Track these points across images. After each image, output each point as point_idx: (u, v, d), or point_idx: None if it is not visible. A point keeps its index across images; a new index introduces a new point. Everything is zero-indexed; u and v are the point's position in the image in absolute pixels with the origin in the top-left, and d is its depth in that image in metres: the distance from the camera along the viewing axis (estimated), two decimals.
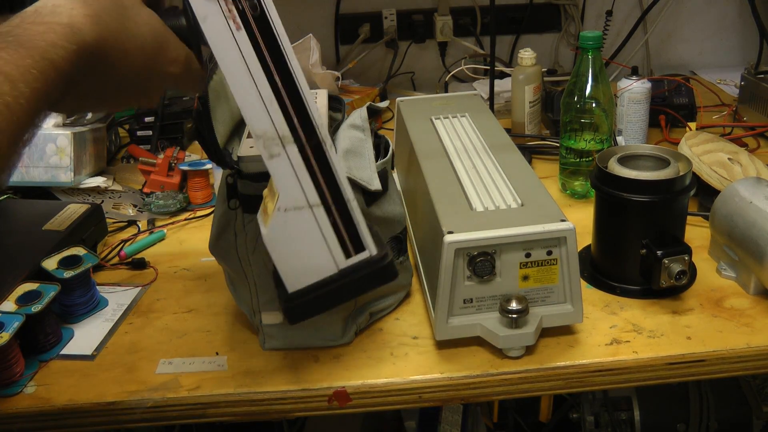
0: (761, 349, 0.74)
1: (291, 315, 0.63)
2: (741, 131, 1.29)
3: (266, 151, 0.56)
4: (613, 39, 1.70)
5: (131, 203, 1.14)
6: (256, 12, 0.53)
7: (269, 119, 0.55)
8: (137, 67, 0.53)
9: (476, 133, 0.95)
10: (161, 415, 0.72)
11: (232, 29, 0.52)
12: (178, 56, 0.56)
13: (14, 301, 0.77)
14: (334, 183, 0.58)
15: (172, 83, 0.57)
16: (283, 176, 0.57)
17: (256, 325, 0.78)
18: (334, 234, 0.59)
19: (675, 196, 0.80)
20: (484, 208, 0.75)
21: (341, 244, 0.60)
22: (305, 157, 0.57)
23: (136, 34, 0.52)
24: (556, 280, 0.73)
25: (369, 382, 0.72)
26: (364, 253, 0.61)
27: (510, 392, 0.73)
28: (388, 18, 1.68)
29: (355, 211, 0.60)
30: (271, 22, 0.53)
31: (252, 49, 0.53)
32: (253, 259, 0.73)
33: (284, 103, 0.55)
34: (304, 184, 0.57)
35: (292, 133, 0.56)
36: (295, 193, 0.57)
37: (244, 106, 0.55)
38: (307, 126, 0.56)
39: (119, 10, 0.52)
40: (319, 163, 0.57)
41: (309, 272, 0.61)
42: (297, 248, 0.59)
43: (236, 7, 0.52)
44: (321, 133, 0.56)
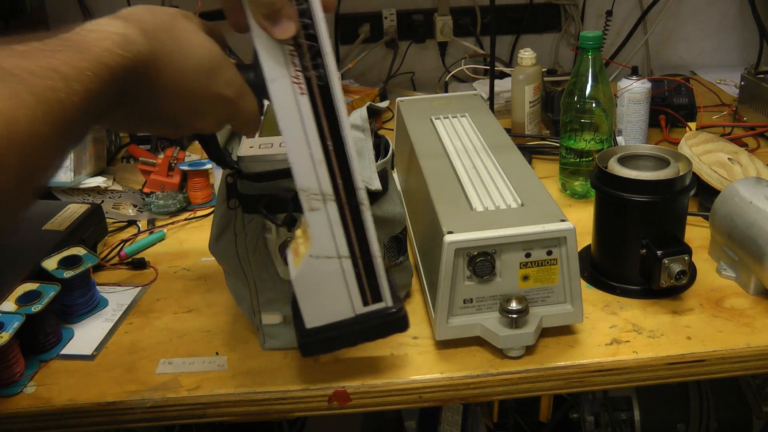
0: (761, 349, 0.74)
1: (305, 349, 0.67)
2: (741, 131, 1.29)
3: (307, 204, 0.60)
4: (613, 39, 1.70)
5: (131, 203, 1.14)
6: (321, 82, 0.56)
7: (315, 178, 0.59)
8: (191, 85, 0.54)
9: (476, 133, 0.95)
10: (161, 415, 0.72)
11: (297, 94, 0.56)
12: (233, 80, 0.56)
13: (14, 301, 0.77)
14: (365, 240, 0.62)
15: (226, 109, 0.57)
16: (320, 229, 0.61)
17: (256, 325, 0.78)
18: (357, 283, 0.64)
19: (675, 196, 0.80)
20: (484, 208, 0.75)
21: (361, 293, 0.65)
22: (342, 215, 0.61)
23: (192, 55, 0.54)
24: (556, 280, 0.73)
25: (369, 382, 0.72)
26: (380, 303, 0.66)
27: (510, 392, 0.73)
28: (388, 18, 1.68)
29: (380, 267, 0.64)
30: (332, 93, 0.57)
31: (312, 113, 0.57)
32: (253, 259, 0.73)
33: (332, 166, 0.59)
34: (337, 238, 0.62)
35: (335, 193, 0.60)
36: (328, 244, 0.62)
37: (294, 161, 0.58)
38: (349, 188, 0.60)
39: (176, 32, 0.53)
40: (354, 221, 0.61)
41: (328, 313, 0.65)
42: (320, 291, 0.64)
43: (303, 74, 0.56)
44: (360, 195, 0.61)
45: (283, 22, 0.53)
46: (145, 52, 0.49)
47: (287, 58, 0.55)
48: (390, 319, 0.66)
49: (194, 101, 0.55)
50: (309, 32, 0.55)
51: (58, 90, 0.40)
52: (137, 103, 0.52)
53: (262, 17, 0.53)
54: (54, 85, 0.40)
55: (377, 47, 1.70)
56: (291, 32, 0.54)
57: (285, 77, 0.56)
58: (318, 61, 0.56)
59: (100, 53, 0.45)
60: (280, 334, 0.77)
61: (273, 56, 0.55)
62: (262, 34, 0.54)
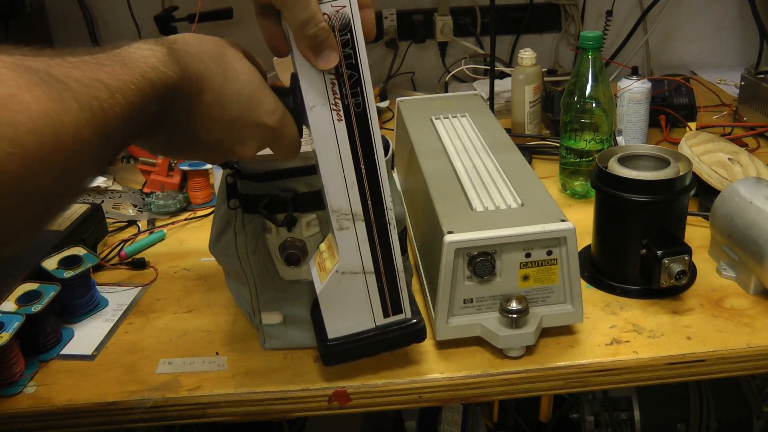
0: (761, 349, 0.74)
1: (327, 358, 0.69)
2: (741, 131, 1.29)
3: (337, 223, 0.62)
4: (613, 39, 1.70)
5: (131, 203, 1.14)
6: (359, 109, 0.59)
7: (347, 199, 0.62)
8: (233, 113, 0.55)
9: (476, 133, 0.95)
10: (161, 415, 0.72)
11: (335, 120, 0.58)
12: (275, 109, 0.58)
13: (14, 301, 0.77)
14: (389, 257, 0.65)
15: (267, 137, 0.59)
16: (348, 246, 0.64)
17: (256, 325, 0.78)
18: (379, 296, 0.67)
19: (675, 196, 0.80)
20: (484, 208, 0.75)
21: (383, 305, 0.67)
22: (370, 234, 0.64)
23: (235, 81, 0.55)
24: (556, 280, 0.73)
25: (369, 382, 0.72)
26: (400, 315, 0.68)
27: (510, 392, 0.73)
28: (388, 18, 1.68)
29: (402, 282, 0.67)
30: (369, 119, 0.59)
31: (347, 139, 0.59)
32: (253, 259, 0.73)
33: (364, 188, 0.62)
34: (363, 255, 0.64)
35: (364, 214, 0.63)
36: (355, 261, 0.64)
37: (327, 183, 0.61)
38: (378, 209, 0.63)
39: (221, 57, 0.55)
40: (381, 240, 0.64)
41: (350, 324, 0.68)
42: (344, 304, 0.66)
43: (342, 102, 0.58)
44: (389, 215, 0.63)
45: (326, 53, 0.55)
46: (189, 73, 0.51)
47: (328, 86, 0.57)
48: (409, 330, 0.69)
49: (236, 128, 0.56)
50: (350, 62, 0.57)
51: (102, 99, 0.42)
52: (179, 124, 0.53)
53: (306, 48, 0.55)
54: (98, 95, 0.42)
55: (377, 47, 1.70)
56: (333, 63, 0.55)
57: (324, 104, 0.58)
58: (357, 90, 0.58)
59: (145, 69, 0.46)
60: (280, 333, 0.77)
61: (314, 84, 0.57)
62: (305, 62, 0.56)
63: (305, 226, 0.71)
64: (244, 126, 0.56)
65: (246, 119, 0.56)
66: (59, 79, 0.40)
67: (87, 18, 1.65)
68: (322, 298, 0.66)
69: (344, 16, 0.55)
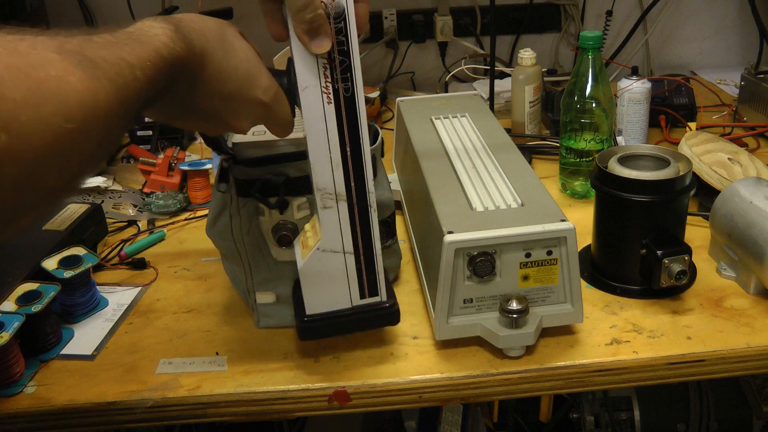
0: (761, 349, 0.74)
1: (303, 333, 0.71)
2: (741, 131, 1.29)
3: (321, 202, 0.65)
4: (613, 39, 1.70)
5: (131, 203, 1.14)
6: (348, 93, 0.62)
7: (332, 179, 0.64)
8: (230, 86, 0.60)
9: (476, 133, 0.95)
10: (161, 415, 0.72)
11: (324, 102, 0.62)
12: (269, 86, 0.62)
13: (14, 301, 0.77)
14: (369, 239, 0.68)
15: (262, 112, 0.63)
16: (330, 225, 0.66)
17: (250, 305, 0.80)
18: (357, 277, 0.69)
19: (675, 196, 0.80)
20: (484, 208, 0.75)
21: (360, 286, 0.70)
22: (351, 215, 0.66)
23: (233, 58, 0.60)
24: (556, 280, 0.73)
25: (369, 382, 0.72)
26: (376, 297, 0.71)
27: (510, 392, 0.73)
28: (388, 18, 1.68)
29: (379, 264, 0.69)
30: (357, 104, 0.62)
31: (335, 121, 0.62)
32: (248, 241, 0.76)
33: (348, 169, 0.64)
34: (344, 235, 0.67)
35: (347, 194, 0.65)
36: (335, 240, 0.67)
37: (314, 163, 0.64)
38: (361, 191, 0.66)
39: (221, 35, 0.60)
40: (361, 221, 0.67)
41: (327, 302, 0.70)
42: (323, 281, 0.69)
43: (332, 86, 0.61)
44: (370, 199, 0.66)
45: (320, 38, 0.59)
46: (193, 47, 0.55)
47: (320, 70, 0.60)
48: (383, 313, 0.71)
49: (233, 102, 0.60)
50: (342, 48, 0.60)
51: (126, 76, 0.47)
52: (181, 94, 0.57)
53: (302, 32, 0.58)
54: (122, 72, 0.47)
55: (377, 47, 1.70)
56: (326, 48, 0.59)
57: (316, 86, 0.61)
58: (347, 75, 0.61)
59: (158, 46, 0.51)
60: (274, 312, 0.79)
61: (308, 66, 0.60)
62: (301, 46, 0.59)
63: (296, 208, 0.74)
64: (240, 100, 0.60)
65: (242, 93, 0.60)
66: (92, 60, 0.45)
67: (87, 18, 1.65)
68: (302, 273, 0.68)
69: (339, 5, 0.58)
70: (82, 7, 1.63)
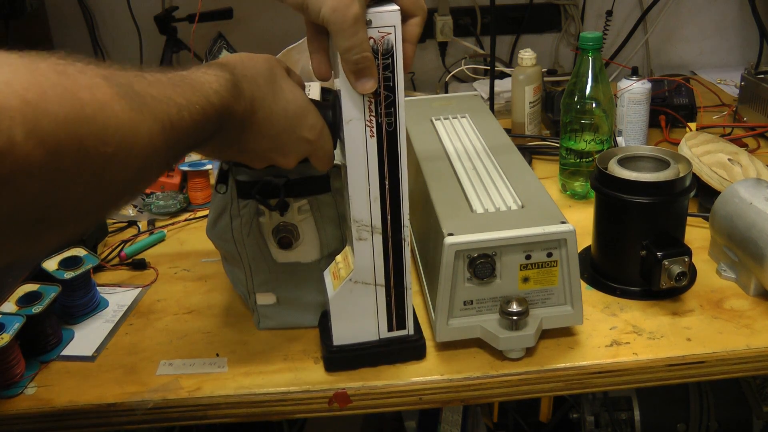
0: (761, 350, 0.74)
1: (329, 363, 0.73)
2: (741, 132, 1.29)
3: (357, 233, 0.66)
4: (613, 39, 1.70)
5: (131, 204, 1.14)
6: (390, 128, 0.63)
7: (369, 211, 0.66)
8: (279, 128, 0.62)
9: (476, 133, 0.95)
10: (162, 417, 0.72)
11: (367, 135, 0.63)
12: (315, 124, 0.64)
13: (15, 302, 0.77)
14: (401, 273, 0.69)
15: (307, 149, 0.65)
16: (364, 256, 0.67)
17: (251, 306, 0.80)
18: (386, 310, 0.71)
19: (675, 197, 0.80)
20: (485, 209, 0.75)
21: (388, 319, 0.71)
22: (386, 248, 0.68)
23: (282, 99, 0.62)
24: (556, 281, 0.73)
25: (369, 383, 0.72)
26: (403, 330, 0.72)
27: (510, 394, 0.73)
28: None
29: (409, 298, 0.71)
30: (398, 138, 0.64)
31: (376, 155, 0.64)
32: (248, 242, 0.76)
33: (386, 203, 0.66)
34: (377, 267, 0.68)
35: (383, 228, 0.67)
36: (368, 272, 0.68)
37: (353, 194, 0.65)
38: (396, 225, 0.67)
39: (271, 77, 0.62)
40: (395, 255, 0.68)
41: (355, 333, 0.72)
42: (353, 312, 0.70)
43: (376, 120, 0.62)
44: (404, 233, 0.67)
45: (365, 79, 0.60)
46: (244, 96, 0.58)
47: (365, 104, 0.62)
48: (410, 347, 0.73)
49: (281, 141, 0.63)
50: (388, 84, 0.61)
51: (172, 114, 0.49)
52: (231, 138, 0.60)
53: (349, 71, 0.60)
54: (169, 111, 0.48)
55: None
56: (370, 89, 0.61)
57: (360, 120, 0.62)
58: (391, 110, 0.62)
59: (210, 92, 0.54)
60: (274, 314, 0.80)
61: (353, 100, 0.62)
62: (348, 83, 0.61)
63: (297, 210, 0.74)
64: (288, 139, 0.63)
65: (290, 133, 0.63)
66: (140, 94, 0.46)
67: (87, 18, 1.65)
68: (333, 303, 0.69)
69: (388, 42, 0.60)
70: (82, 7, 1.63)
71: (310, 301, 0.79)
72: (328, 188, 0.74)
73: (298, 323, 0.80)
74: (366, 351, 0.72)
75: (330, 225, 0.76)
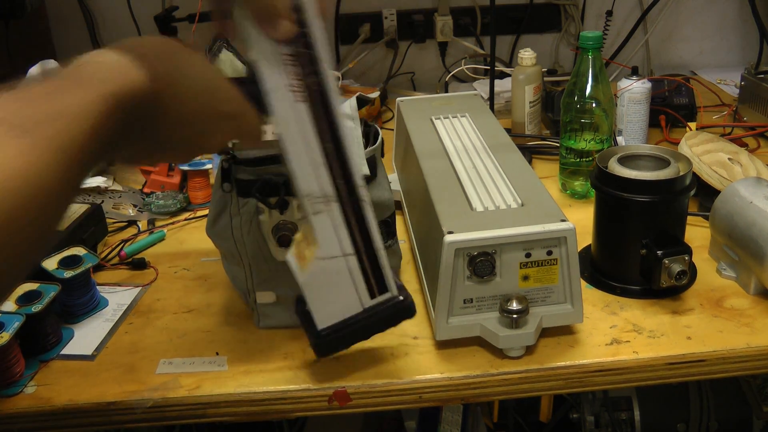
0: (761, 349, 0.74)
1: (319, 350, 0.69)
2: (741, 131, 1.29)
3: (311, 209, 0.62)
4: (613, 39, 1.70)
5: (131, 203, 1.14)
6: (318, 88, 0.58)
7: (317, 181, 0.60)
8: (192, 105, 0.55)
9: (476, 133, 0.95)
10: (161, 415, 0.72)
11: (294, 101, 0.57)
12: (233, 97, 0.58)
13: (14, 301, 0.77)
14: (367, 235, 0.64)
15: (230, 126, 0.58)
16: (324, 230, 0.63)
17: (250, 304, 0.80)
18: (363, 278, 0.66)
19: (675, 196, 0.80)
20: (484, 208, 0.75)
21: (368, 287, 0.66)
22: (345, 214, 0.63)
23: (190, 74, 0.55)
24: (556, 280, 0.73)
25: (369, 382, 0.72)
26: (386, 294, 0.67)
27: (510, 392, 0.73)
28: (388, 18, 1.68)
29: (383, 259, 0.65)
30: (329, 97, 0.58)
31: (310, 119, 0.58)
32: (248, 241, 0.76)
33: (332, 167, 0.60)
34: (341, 237, 0.63)
35: (336, 193, 0.62)
36: (333, 245, 0.63)
37: (295, 169, 0.60)
38: (350, 186, 0.62)
39: (173, 55, 0.55)
40: (356, 218, 0.63)
41: (337, 311, 0.67)
42: (329, 290, 0.66)
43: (301, 83, 0.57)
44: (360, 192, 0.62)
45: (279, 22, 0.55)
46: (145, 77, 0.50)
47: (285, 68, 0.56)
48: (398, 308, 0.68)
49: (199, 122, 0.56)
50: (306, 40, 0.56)
51: (64, 133, 0.42)
52: (144, 132, 0.52)
53: (261, 18, 0.55)
54: (62, 128, 0.42)
55: (377, 47, 1.70)
56: (288, 32, 0.55)
57: (283, 87, 0.57)
58: (314, 68, 0.57)
59: (101, 85, 0.46)
60: (273, 312, 0.79)
61: (271, 67, 0.56)
62: (260, 45, 0.56)
63: (297, 208, 0.73)
64: (205, 118, 0.56)
65: (206, 111, 0.56)
66: (19, 125, 0.40)
67: (87, 18, 1.65)
68: (306, 288, 0.65)
69: None
70: (82, 7, 1.63)
71: None
72: None
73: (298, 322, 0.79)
74: (354, 326, 0.67)
75: None
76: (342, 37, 1.70)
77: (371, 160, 0.79)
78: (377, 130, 0.84)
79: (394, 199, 0.84)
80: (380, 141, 0.83)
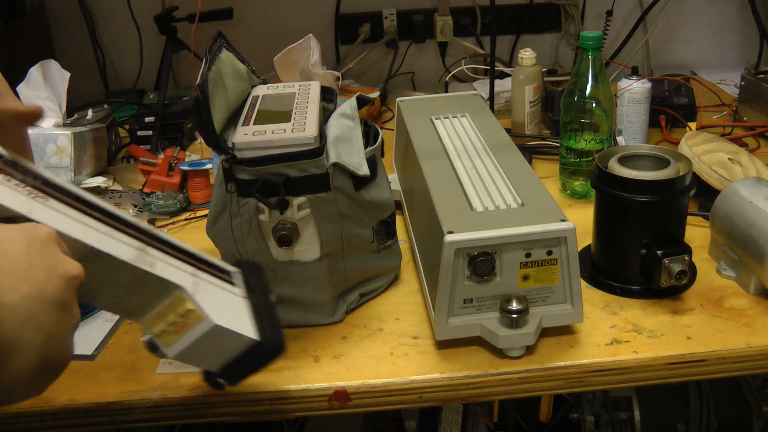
0: (761, 349, 0.74)
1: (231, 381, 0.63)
2: (741, 131, 1.29)
3: (191, 285, 0.58)
4: (613, 39, 1.70)
5: (131, 203, 1.14)
6: (41, 180, 0.50)
7: (123, 245, 0.53)
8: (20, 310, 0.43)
9: (476, 133, 0.95)
10: (161, 415, 0.72)
11: (44, 204, 0.49)
12: None
13: None
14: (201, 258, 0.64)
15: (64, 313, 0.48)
16: (211, 296, 0.59)
17: None
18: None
19: (675, 196, 0.80)
20: (484, 208, 0.75)
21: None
22: None
23: None
24: (556, 280, 0.73)
25: (369, 382, 0.72)
26: None
27: (510, 392, 0.73)
28: (388, 18, 1.68)
29: None
30: (51, 180, 0.51)
31: (63, 206, 0.50)
32: (248, 240, 0.76)
33: (121, 226, 0.54)
34: None
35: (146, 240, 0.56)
36: None
37: (100, 248, 0.51)
38: (149, 233, 0.57)
39: None
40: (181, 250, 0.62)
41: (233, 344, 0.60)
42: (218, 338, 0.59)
43: (28, 186, 0.49)
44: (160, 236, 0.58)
45: None
46: None
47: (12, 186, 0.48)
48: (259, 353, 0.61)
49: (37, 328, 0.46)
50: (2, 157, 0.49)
51: None
52: None
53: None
54: None
55: (377, 47, 1.70)
56: None
57: (23, 198, 0.48)
58: (25, 169, 0.50)
59: None
60: None
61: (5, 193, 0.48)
62: None
63: (296, 208, 0.73)
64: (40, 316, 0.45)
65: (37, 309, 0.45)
66: None
67: (87, 18, 1.65)
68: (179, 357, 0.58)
69: None
70: (82, 7, 1.63)
71: (309, 300, 0.79)
72: (328, 186, 0.74)
73: (297, 322, 0.80)
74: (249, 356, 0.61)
75: (330, 223, 0.76)
76: (342, 37, 1.70)
77: (371, 160, 0.79)
78: (377, 130, 0.84)
79: (394, 199, 0.84)
80: (380, 141, 0.83)
